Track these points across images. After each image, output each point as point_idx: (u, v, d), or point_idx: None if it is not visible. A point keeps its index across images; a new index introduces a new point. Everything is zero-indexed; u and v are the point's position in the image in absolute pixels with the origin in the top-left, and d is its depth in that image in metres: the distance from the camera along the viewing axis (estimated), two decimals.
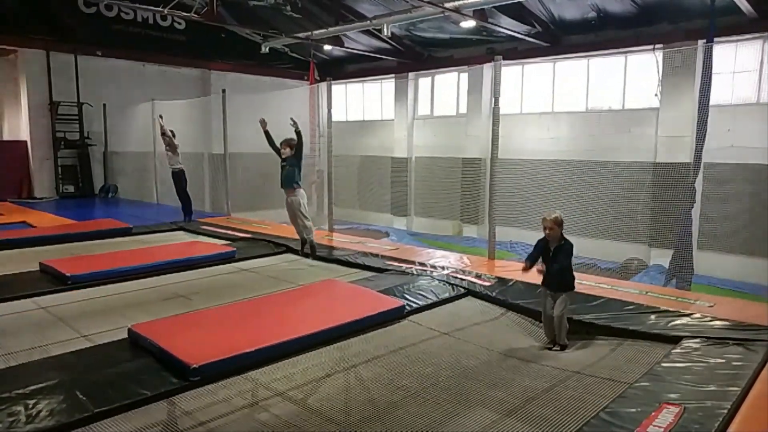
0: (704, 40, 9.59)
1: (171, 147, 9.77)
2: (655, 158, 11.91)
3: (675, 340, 3.96)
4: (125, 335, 3.95)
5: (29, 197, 13.97)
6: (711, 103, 7.92)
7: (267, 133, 7.28)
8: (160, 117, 10.44)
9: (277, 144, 7.06)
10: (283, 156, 6.88)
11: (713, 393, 3.07)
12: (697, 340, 3.89)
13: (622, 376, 3.52)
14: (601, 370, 3.66)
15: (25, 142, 14.27)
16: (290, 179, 6.80)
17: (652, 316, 4.42)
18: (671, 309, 4.55)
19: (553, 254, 4.16)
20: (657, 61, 11.74)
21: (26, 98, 14.03)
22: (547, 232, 4.16)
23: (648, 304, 4.69)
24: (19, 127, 14.56)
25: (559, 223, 4.15)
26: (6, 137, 15.23)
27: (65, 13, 14.16)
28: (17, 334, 4.19)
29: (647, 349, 3.97)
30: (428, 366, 3.73)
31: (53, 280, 5.58)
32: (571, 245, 4.21)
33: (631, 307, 4.64)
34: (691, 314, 4.42)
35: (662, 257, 10.56)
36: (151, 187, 13.99)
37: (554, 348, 4.11)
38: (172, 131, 9.89)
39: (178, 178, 9.81)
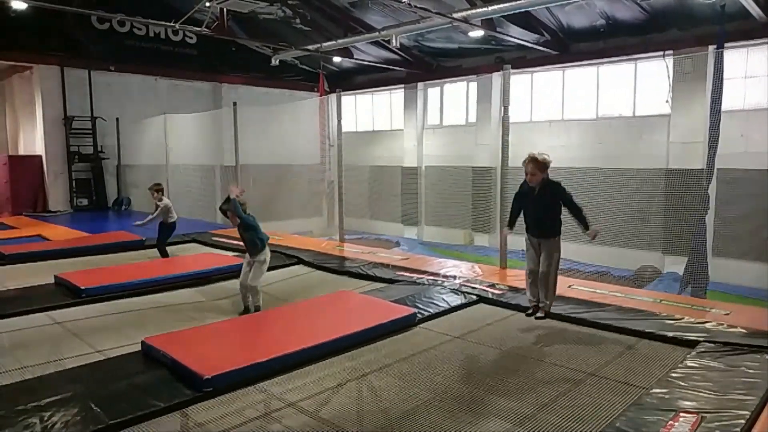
0: (715, 46, 9.56)
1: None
2: (668, 165, 11.82)
3: (690, 345, 3.93)
4: (138, 348, 3.97)
5: (44, 211, 14.15)
6: (723, 108, 7.86)
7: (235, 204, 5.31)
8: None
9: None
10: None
11: (731, 402, 3.03)
12: (713, 347, 3.84)
13: (637, 380, 3.49)
14: (616, 372, 3.62)
15: (40, 156, 14.48)
16: (254, 244, 5.39)
17: (667, 322, 4.38)
18: (686, 317, 4.50)
19: (539, 195, 3.75)
20: (667, 68, 11.69)
21: (41, 113, 14.26)
22: (528, 177, 3.76)
23: (662, 313, 4.64)
24: (35, 141, 14.79)
25: (541, 166, 3.73)
26: (22, 152, 15.47)
27: (79, 30, 14.41)
28: (32, 348, 4.23)
29: (662, 351, 3.94)
30: (440, 373, 3.71)
31: (68, 293, 5.63)
32: (562, 187, 3.81)
33: (644, 315, 4.59)
34: (707, 322, 4.37)
35: (677, 265, 10.45)
36: None
37: (537, 315, 3.68)
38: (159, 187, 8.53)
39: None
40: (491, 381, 3.56)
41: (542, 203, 3.78)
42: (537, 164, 3.76)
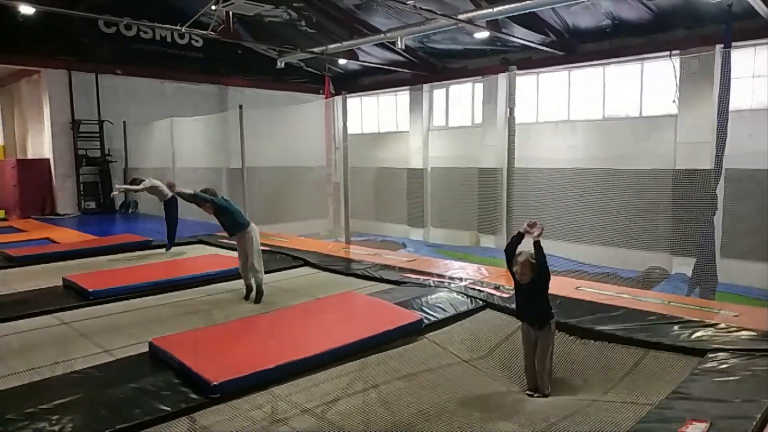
0: (722, 45, 9.51)
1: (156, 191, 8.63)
2: (675, 165, 11.76)
3: (700, 353, 3.87)
4: (146, 349, 3.99)
5: (52, 214, 14.23)
6: (731, 108, 7.81)
7: (181, 195, 5.98)
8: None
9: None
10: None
11: (740, 407, 2.99)
12: (723, 352, 3.80)
13: (648, 389, 3.44)
14: (625, 385, 3.57)
15: (48, 160, 14.57)
16: (235, 224, 5.69)
17: (676, 327, 4.33)
18: (695, 319, 4.46)
19: (528, 288, 3.78)
20: (674, 68, 11.64)
21: (49, 117, 14.35)
22: (518, 275, 3.74)
23: (671, 315, 4.60)
24: (43, 145, 14.89)
25: (529, 267, 3.69)
26: (30, 156, 15.57)
27: (86, 34, 14.50)
28: (41, 349, 4.25)
29: (671, 362, 3.88)
30: (446, 385, 3.68)
31: (76, 296, 5.67)
32: (546, 276, 3.78)
33: (653, 317, 4.55)
34: (716, 325, 4.32)
35: (685, 265, 10.38)
36: None
37: (536, 395, 3.69)
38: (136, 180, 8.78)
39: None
40: (497, 397, 3.54)
41: (531, 291, 3.79)
42: (530, 267, 3.68)
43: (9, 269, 7.34)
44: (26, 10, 11.14)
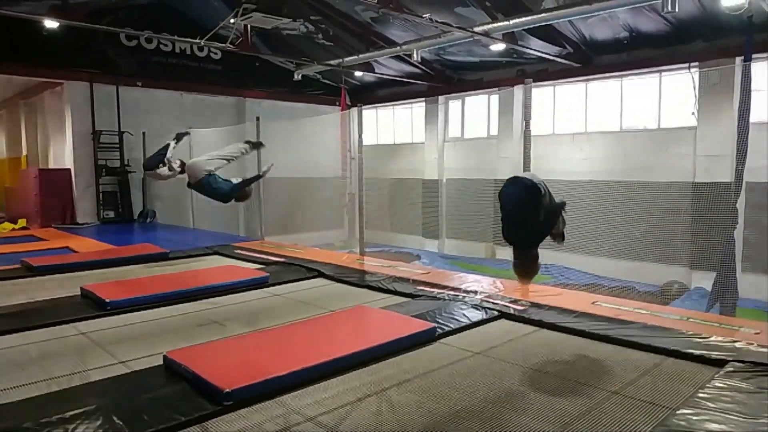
0: (742, 57, 9.40)
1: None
2: (694, 178, 11.62)
3: (719, 364, 3.83)
4: (161, 361, 4.02)
5: (72, 223, 14.47)
6: (751, 120, 7.71)
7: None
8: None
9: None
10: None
11: (761, 425, 2.93)
12: (743, 367, 3.73)
13: (663, 400, 3.40)
14: (641, 392, 3.54)
15: (69, 169, 14.85)
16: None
17: (694, 341, 4.28)
18: (714, 336, 4.38)
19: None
20: (693, 79, 11.54)
21: (71, 128, 14.65)
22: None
23: (689, 331, 4.53)
24: (64, 155, 15.18)
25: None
26: (51, 165, 15.88)
27: (108, 47, 14.81)
28: (59, 359, 4.30)
29: (689, 370, 3.85)
30: (460, 389, 3.67)
31: (93, 305, 5.73)
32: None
33: (671, 333, 4.49)
34: (736, 341, 4.24)
35: (704, 280, 10.21)
36: (187, 212, 14.34)
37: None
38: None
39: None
40: (512, 398, 3.50)
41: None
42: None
43: (29, 278, 7.47)
44: (51, 24, 11.44)
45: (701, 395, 3.32)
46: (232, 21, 11.53)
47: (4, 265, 8.16)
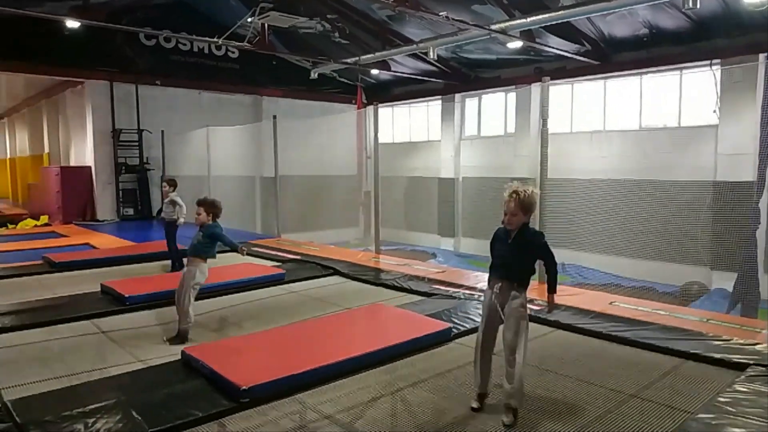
0: (765, 54, 9.22)
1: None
2: (715, 177, 11.42)
3: (740, 367, 3.78)
4: (178, 357, 4.07)
5: (92, 219, 14.70)
6: None
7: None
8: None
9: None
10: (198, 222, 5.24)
11: None
12: (764, 370, 3.67)
13: (682, 403, 3.36)
14: (659, 395, 3.50)
15: (90, 167, 15.09)
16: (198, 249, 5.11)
17: (714, 343, 4.21)
18: (735, 338, 4.31)
19: (513, 241, 3.02)
20: (714, 77, 11.33)
21: (91, 126, 14.88)
22: (507, 218, 3.03)
23: (710, 333, 4.46)
24: (85, 153, 15.43)
25: (525, 207, 2.92)
26: (73, 163, 16.15)
27: (128, 46, 15.00)
28: (80, 354, 4.39)
29: (709, 374, 3.80)
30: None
31: (113, 301, 5.83)
32: (543, 239, 3.07)
33: (690, 335, 4.43)
34: (758, 344, 4.17)
35: (725, 281, 10.04)
36: None
37: (505, 420, 2.91)
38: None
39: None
40: (529, 400, 3.48)
41: (515, 251, 3.09)
42: (520, 203, 2.97)
43: (51, 274, 7.62)
44: (72, 24, 11.61)
45: (721, 399, 3.27)
46: (249, 20, 11.62)
47: (27, 261, 8.34)
